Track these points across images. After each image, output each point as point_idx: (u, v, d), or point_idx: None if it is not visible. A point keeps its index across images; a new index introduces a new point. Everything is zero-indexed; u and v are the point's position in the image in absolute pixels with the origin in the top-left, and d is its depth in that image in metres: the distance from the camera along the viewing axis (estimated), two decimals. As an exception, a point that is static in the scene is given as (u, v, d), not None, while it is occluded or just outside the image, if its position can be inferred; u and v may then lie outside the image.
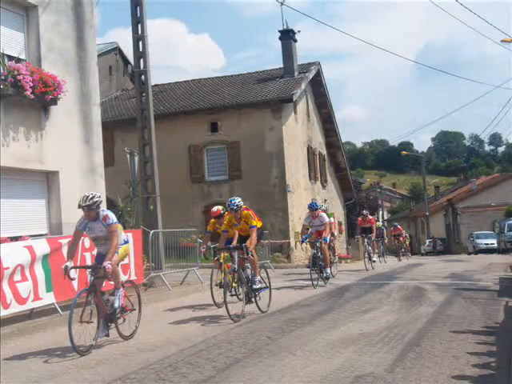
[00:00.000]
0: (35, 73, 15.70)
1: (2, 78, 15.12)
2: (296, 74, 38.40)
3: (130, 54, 43.31)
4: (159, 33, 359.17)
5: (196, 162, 36.35)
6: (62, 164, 17.05)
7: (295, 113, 37.51)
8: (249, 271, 13.94)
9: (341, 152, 47.91)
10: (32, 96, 15.56)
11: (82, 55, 18.16)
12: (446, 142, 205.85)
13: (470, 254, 58.00)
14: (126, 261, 16.01)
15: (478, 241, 59.31)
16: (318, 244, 18.77)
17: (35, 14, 16.65)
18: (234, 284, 13.93)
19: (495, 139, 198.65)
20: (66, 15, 17.69)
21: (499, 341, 10.11)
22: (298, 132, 38.00)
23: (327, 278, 18.90)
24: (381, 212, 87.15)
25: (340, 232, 44.80)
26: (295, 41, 39.20)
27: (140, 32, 21.09)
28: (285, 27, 38.82)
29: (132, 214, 21.65)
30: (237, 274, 13.75)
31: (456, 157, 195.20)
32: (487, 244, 57.79)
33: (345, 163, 49.05)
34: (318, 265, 18.57)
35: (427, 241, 73.25)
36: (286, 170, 34.97)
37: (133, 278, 16.57)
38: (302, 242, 19.52)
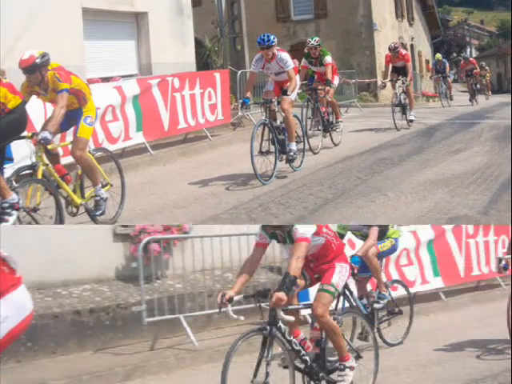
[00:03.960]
0: None
1: None
2: None
3: None
4: None
5: (282, 0, 35.43)
6: (151, 5, 16.98)
7: None
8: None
9: (428, -12, 45.91)
10: None
11: None
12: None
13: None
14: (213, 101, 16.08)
15: None
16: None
17: None
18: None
19: None
20: None
21: None
22: (385, -32, 36.37)
23: (411, 121, 17.88)
24: (469, 49, 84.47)
25: (427, 70, 43.78)
26: None
27: None
28: None
29: (219, 54, 21.53)
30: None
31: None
32: None
33: (432, 0, 47.09)
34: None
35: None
36: (372, 7, 33.79)
37: (220, 118, 16.59)
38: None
